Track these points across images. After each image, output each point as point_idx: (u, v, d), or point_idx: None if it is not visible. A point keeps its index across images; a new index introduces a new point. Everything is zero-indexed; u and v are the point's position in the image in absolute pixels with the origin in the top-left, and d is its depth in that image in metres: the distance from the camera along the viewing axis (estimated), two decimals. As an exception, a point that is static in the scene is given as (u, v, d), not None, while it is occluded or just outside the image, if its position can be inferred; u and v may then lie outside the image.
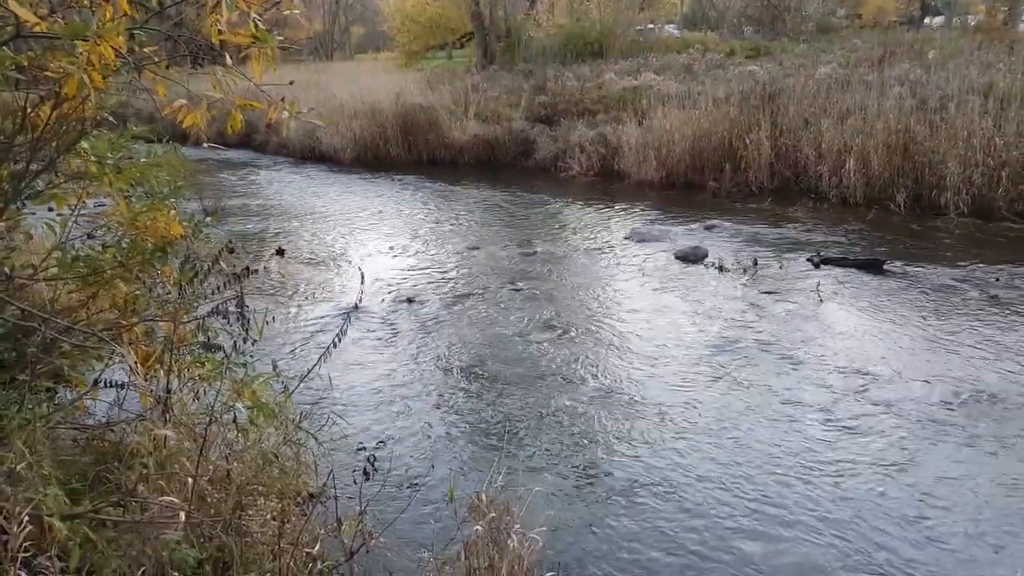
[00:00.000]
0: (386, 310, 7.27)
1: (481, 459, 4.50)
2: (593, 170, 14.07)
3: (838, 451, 4.49)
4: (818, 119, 11.76)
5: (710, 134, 12.56)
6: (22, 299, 3.36)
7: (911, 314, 6.67)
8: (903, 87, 12.11)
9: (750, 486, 4.17)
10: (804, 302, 7.08)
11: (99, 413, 3.66)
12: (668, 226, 10.28)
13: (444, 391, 5.50)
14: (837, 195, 11.03)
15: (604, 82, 16.84)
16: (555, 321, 6.83)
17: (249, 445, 3.24)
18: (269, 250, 9.57)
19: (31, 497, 2.42)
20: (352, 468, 3.60)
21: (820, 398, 5.17)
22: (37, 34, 2.62)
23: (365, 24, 52.54)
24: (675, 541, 3.74)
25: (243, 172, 16.69)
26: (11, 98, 3.19)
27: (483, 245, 9.72)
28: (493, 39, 23.54)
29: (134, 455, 2.89)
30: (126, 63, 2.65)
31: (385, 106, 17.07)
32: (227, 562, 2.84)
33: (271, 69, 2.79)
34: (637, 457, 4.51)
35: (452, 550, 3.25)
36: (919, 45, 16.42)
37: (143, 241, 3.39)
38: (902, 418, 4.87)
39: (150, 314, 3.39)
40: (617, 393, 5.36)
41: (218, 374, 3.08)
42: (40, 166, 3.19)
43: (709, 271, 8.20)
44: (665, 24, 30.61)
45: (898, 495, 4.05)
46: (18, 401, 2.97)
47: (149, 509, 2.72)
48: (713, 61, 17.82)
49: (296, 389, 3.47)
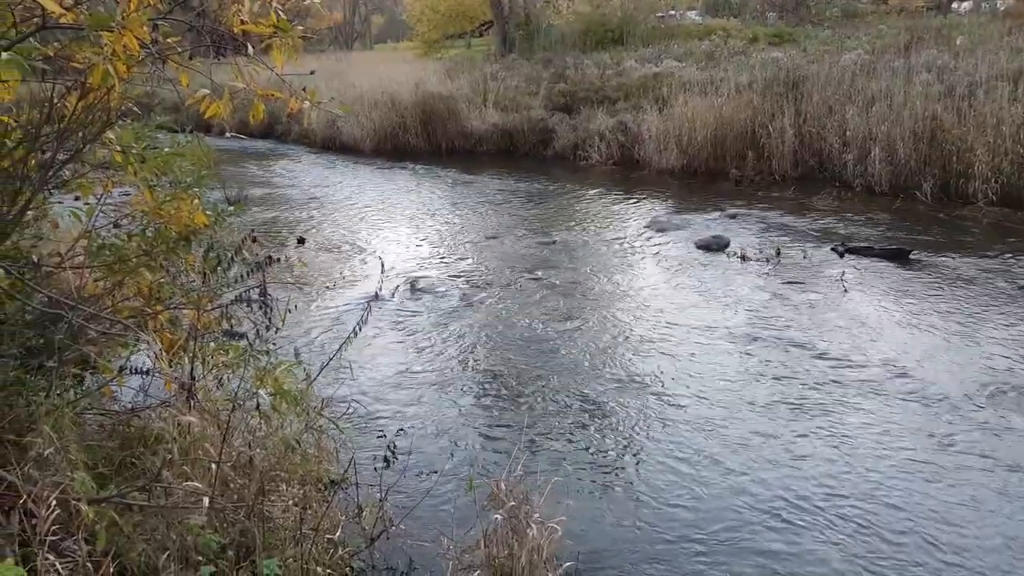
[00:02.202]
0: (405, 299, 7.30)
1: (500, 448, 4.52)
2: (613, 159, 13.98)
3: (860, 444, 4.45)
4: (843, 106, 11.58)
5: (732, 121, 12.42)
6: (49, 287, 3.40)
7: (938, 305, 6.58)
8: (930, 74, 11.89)
9: (773, 479, 4.14)
10: (828, 292, 7.01)
11: (124, 399, 3.72)
12: (689, 215, 10.20)
13: (463, 380, 5.52)
14: (862, 183, 10.87)
15: (624, 70, 16.70)
16: (574, 311, 6.82)
17: (271, 431, 3.28)
18: (290, 239, 9.64)
19: (59, 481, 2.47)
20: (372, 455, 3.63)
21: (844, 389, 5.12)
22: (63, 25, 2.64)
23: (385, 13, 52.53)
24: (696, 533, 3.73)
25: (264, 161, 16.79)
26: (38, 88, 3.24)
27: (502, 234, 9.71)
28: (512, 27, 23.42)
29: (159, 441, 2.93)
30: (150, 53, 2.67)
31: (404, 96, 17.06)
32: (249, 547, 2.88)
33: (293, 59, 2.80)
34: (657, 448, 4.50)
35: (472, 538, 3.27)
36: (947, 31, 16.12)
37: (167, 230, 3.43)
38: (929, 410, 4.81)
39: (174, 302, 3.43)
40: (637, 384, 5.34)
41: (241, 361, 3.12)
42: (66, 156, 3.23)
43: (731, 260, 8.14)
44: (686, 11, 30.30)
45: (926, 490, 4.01)
46: (46, 387, 3.02)
47: (173, 494, 2.76)
48: (735, 48, 17.61)
49: (318, 376, 3.50)
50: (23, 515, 2.36)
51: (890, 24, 19.21)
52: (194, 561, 2.60)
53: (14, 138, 3.14)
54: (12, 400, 2.87)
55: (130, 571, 2.60)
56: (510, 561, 3.03)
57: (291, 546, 2.92)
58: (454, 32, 30.14)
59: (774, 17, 24.28)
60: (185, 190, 3.52)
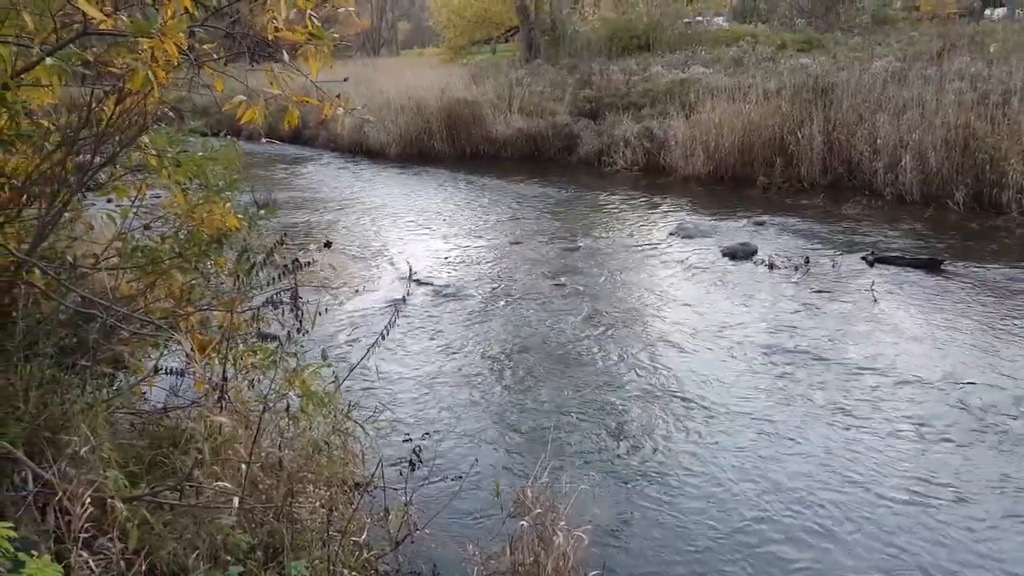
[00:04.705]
0: (431, 303, 7.33)
1: (526, 454, 4.51)
2: (638, 165, 13.93)
3: (893, 458, 4.39)
4: (873, 114, 11.44)
5: (760, 128, 12.32)
6: (83, 287, 3.46)
7: (970, 316, 6.47)
8: (963, 81, 11.72)
9: (803, 491, 4.09)
10: (858, 302, 6.92)
11: (153, 399, 3.78)
12: (715, 222, 10.13)
13: (489, 385, 5.52)
14: (892, 192, 10.72)
15: (650, 75, 16.65)
16: (599, 317, 6.80)
17: (299, 433, 3.31)
18: (317, 242, 9.72)
19: (93, 479, 2.50)
20: (398, 458, 3.64)
21: (874, 402, 5.05)
22: (103, 31, 2.69)
23: (412, 20, 52.90)
24: (724, 544, 3.69)
25: (292, 165, 16.96)
26: (77, 93, 3.30)
27: (526, 239, 9.71)
28: (538, 33, 23.48)
29: (190, 440, 2.96)
30: (187, 59, 2.71)
31: (430, 101, 17.16)
32: (277, 548, 2.90)
33: (326, 66, 2.83)
34: (684, 457, 4.46)
35: (497, 545, 3.27)
36: (980, 38, 15.88)
37: (200, 232, 3.48)
38: (963, 424, 4.72)
39: (206, 303, 3.48)
40: (663, 392, 5.31)
41: (271, 363, 3.14)
42: (103, 159, 3.29)
43: (758, 268, 8.07)
44: (713, 16, 30.17)
45: (959, 507, 3.94)
46: (80, 385, 3.07)
47: (204, 494, 2.79)
48: (764, 54, 17.48)
49: (345, 379, 3.52)
50: (57, 512, 2.40)
51: (922, 31, 18.97)
52: (223, 561, 2.62)
53: (53, 141, 3.21)
54: (47, 398, 2.92)
55: (159, 569, 2.62)
56: (536, 569, 3.02)
57: (318, 547, 2.94)
58: (480, 38, 30.27)
59: (803, 23, 24.06)
60: (217, 193, 3.57)
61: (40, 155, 3.14)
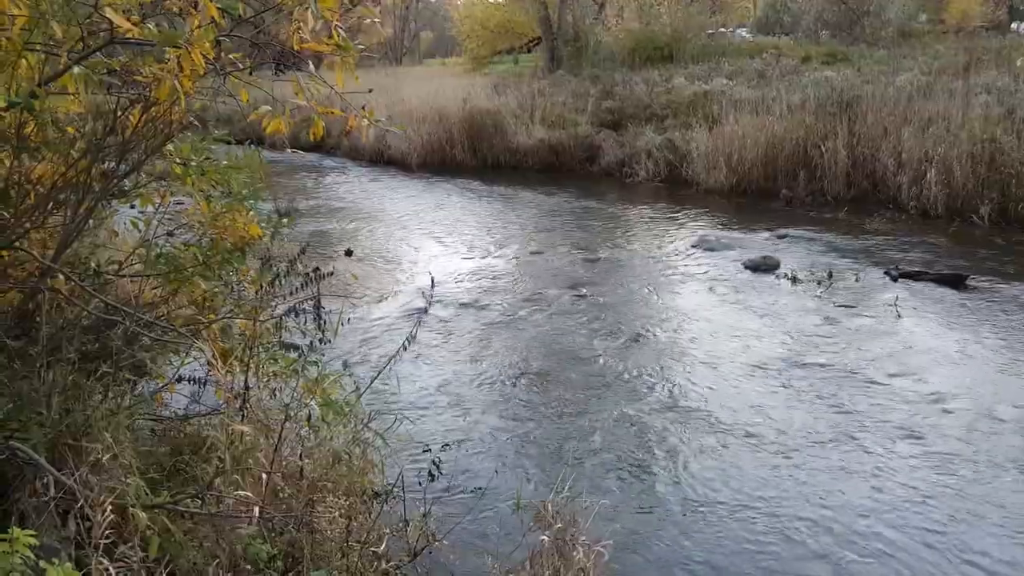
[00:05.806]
0: (451, 314, 7.31)
1: (546, 467, 4.47)
2: (660, 176, 13.88)
3: (915, 477, 4.30)
4: (898, 127, 11.32)
5: (784, 141, 12.24)
6: (107, 293, 3.48)
7: (996, 333, 6.35)
8: (989, 95, 11.57)
9: (825, 508, 4.02)
10: (881, 317, 6.82)
11: (174, 406, 3.78)
12: (738, 234, 10.05)
13: (509, 396, 5.49)
14: (917, 206, 10.59)
15: (673, 87, 16.61)
16: (620, 329, 6.75)
17: (319, 442, 3.30)
18: (338, 251, 9.75)
19: (114, 487, 2.50)
20: (417, 469, 3.62)
21: (896, 420, 4.96)
22: (131, 40, 2.71)
23: (434, 30, 53.25)
24: (745, 562, 3.63)
25: (315, 175, 17.07)
26: (103, 101, 3.33)
27: (547, 250, 9.69)
28: (560, 44, 23.50)
29: (212, 449, 2.96)
30: (213, 69, 2.72)
31: (452, 111, 17.22)
32: (296, 557, 2.89)
33: (352, 76, 2.83)
34: (706, 472, 4.41)
35: (516, 558, 3.23)
36: (1007, 51, 15.68)
37: (223, 240, 3.49)
38: (987, 444, 4.62)
39: (228, 312, 3.48)
40: (684, 406, 5.25)
41: (292, 372, 3.14)
42: (128, 167, 3.31)
43: (781, 282, 7.98)
44: (737, 28, 30.06)
45: (984, 529, 3.85)
46: (102, 391, 3.08)
47: (224, 502, 2.78)
48: (787, 67, 17.38)
49: (366, 390, 3.51)
50: (78, 519, 2.40)
51: (947, 44, 18.78)
52: (243, 570, 2.61)
53: (78, 149, 3.23)
54: (70, 404, 2.93)
55: (179, 578, 2.62)
56: (555, 583, 2.99)
57: (337, 558, 2.92)
58: (502, 48, 30.36)
59: (827, 36, 23.89)
60: (240, 202, 3.58)
61: (66, 162, 3.17)
